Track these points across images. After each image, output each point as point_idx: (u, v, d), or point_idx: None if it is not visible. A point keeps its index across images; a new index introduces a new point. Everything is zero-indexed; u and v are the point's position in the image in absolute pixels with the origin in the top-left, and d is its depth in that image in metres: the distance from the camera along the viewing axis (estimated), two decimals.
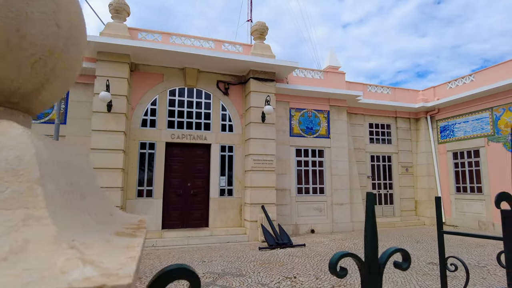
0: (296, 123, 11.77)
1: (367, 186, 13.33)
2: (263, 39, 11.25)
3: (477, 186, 12.36)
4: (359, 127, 13.62)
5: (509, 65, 11.40)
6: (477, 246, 8.88)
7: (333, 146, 12.06)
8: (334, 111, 12.33)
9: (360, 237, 10.37)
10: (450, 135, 13.54)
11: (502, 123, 11.52)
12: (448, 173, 13.49)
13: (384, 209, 13.56)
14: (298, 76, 12.11)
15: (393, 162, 14.04)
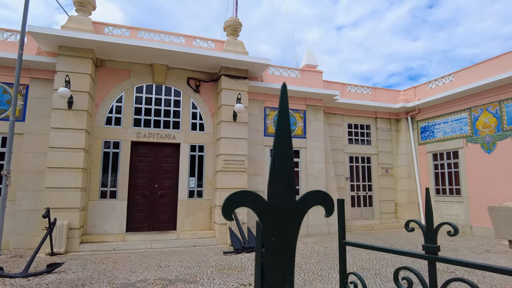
0: (271, 122, 11.43)
1: (346, 188, 13.04)
2: (237, 35, 10.92)
3: (456, 188, 12.13)
4: (338, 127, 13.33)
5: (487, 64, 11.21)
6: (451, 250, 8.60)
7: (309, 147, 11.74)
8: (310, 111, 12.02)
9: (335, 240, 10.04)
10: (430, 136, 13.32)
11: (480, 123, 11.31)
12: (428, 175, 13.26)
13: (363, 212, 13.27)
14: (274, 75, 11.79)
15: (373, 163, 13.77)
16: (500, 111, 10.67)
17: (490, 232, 10.68)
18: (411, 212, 13.27)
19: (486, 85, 10.79)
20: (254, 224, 10.40)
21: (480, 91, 11.27)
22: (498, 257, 7.69)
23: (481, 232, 10.99)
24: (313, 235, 11.08)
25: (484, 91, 11.13)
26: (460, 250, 8.55)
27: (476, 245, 9.29)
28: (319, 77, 12.40)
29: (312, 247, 8.92)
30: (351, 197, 13.16)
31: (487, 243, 9.65)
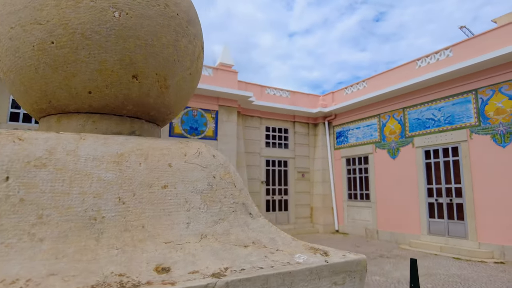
0: (178, 122, 10.66)
1: (261, 192, 12.67)
2: None
3: (365, 193, 12.35)
4: (255, 130, 12.96)
5: (394, 72, 11.56)
6: None
7: (220, 149, 11.15)
8: (223, 112, 11.46)
9: None
10: (345, 141, 13.50)
11: (387, 130, 11.62)
12: (342, 179, 13.41)
13: (278, 216, 13.00)
14: None
15: (290, 167, 13.61)
16: (403, 118, 11.03)
17: (394, 237, 10.94)
18: (325, 216, 13.29)
19: (392, 92, 11.09)
20: None
21: (387, 98, 11.58)
22: (385, 262, 7.70)
23: (386, 237, 11.23)
24: None
25: (391, 98, 11.46)
26: None
27: (375, 250, 9.35)
28: (234, 77, 11.91)
29: None
30: (266, 201, 12.82)
31: (386, 248, 9.80)
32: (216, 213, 0.95)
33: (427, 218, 9.94)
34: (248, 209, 1.02)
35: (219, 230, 0.91)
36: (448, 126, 9.60)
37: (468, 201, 8.93)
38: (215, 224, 0.92)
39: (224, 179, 1.03)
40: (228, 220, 0.95)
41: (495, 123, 8.52)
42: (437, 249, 9.16)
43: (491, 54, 8.31)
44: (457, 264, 7.63)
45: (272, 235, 0.97)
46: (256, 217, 1.02)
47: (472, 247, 8.66)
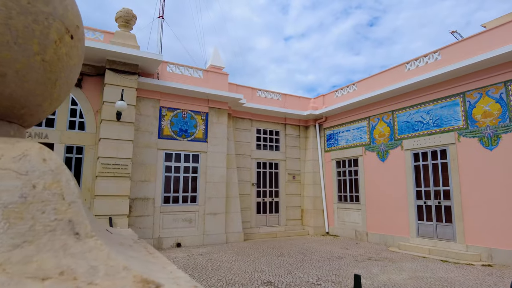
0: (167, 124, 10.57)
1: (251, 194, 12.62)
2: (129, 28, 9.91)
3: (355, 195, 12.36)
4: (246, 132, 12.91)
5: (383, 76, 11.60)
6: (337, 258, 8.48)
7: (210, 151, 11.09)
8: (213, 114, 11.40)
9: (226, 250, 9.46)
10: (335, 144, 13.52)
11: (376, 132, 11.65)
12: (332, 182, 13.41)
13: (268, 218, 12.95)
14: (174, 73, 10.97)
15: (281, 169, 13.58)
16: (392, 121, 11.07)
17: (383, 239, 10.95)
18: (315, 218, 13.28)
19: (381, 94, 11.13)
20: (142, 235, 9.45)
21: (377, 101, 11.62)
22: (373, 265, 7.68)
23: (375, 239, 11.24)
24: (209, 244, 10.40)
25: (380, 101, 11.49)
26: (345, 258, 8.47)
27: (364, 253, 9.34)
28: (224, 79, 11.85)
29: (195, 259, 8.20)
30: (257, 203, 12.77)
31: (375, 250, 9.79)
32: (21, 234, 0.76)
33: (416, 220, 9.96)
34: (74, 228, 0.82)
35: (16, 257, 0.72)
36: (437, 129, 9.65)
37: (456, 204, 8.97)
38: (14, 249, 0.73)
39: (49, 189, 0.84)
40: (38, 243, 0.75)
41: (483, 126, 8.58)
42: (426, 251, 9.18)
43: (478, 58, 8.38)
44: (444, 267, 7.64)
45: (97, 263, 0.77)
46: (84, 238, 0.81)
47: (460, 249, 8.70)
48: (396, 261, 8.25)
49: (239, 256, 8.72)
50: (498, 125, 8.25)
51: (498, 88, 8.35)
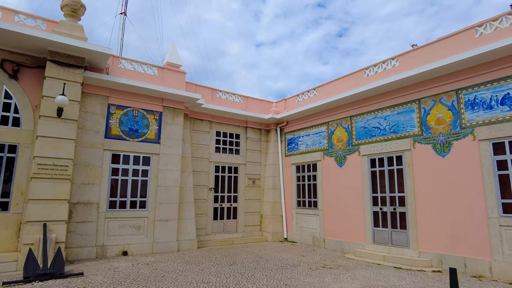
0: (116, 122, 9.83)
1: (208, 199, 12.07)
2: (76, 18, 9.14)
3: (313, 201, 12.18)
4: (204, 134, 12.38)
5: (346, 80, 11.56)
6: (291, 266, 8.15)
7: (163, 153, 10.45)
8: (168, 113, 10.79)
9: (176, 259, 8.84)
10: (295, 148, 13.32)
11: (335, 137, 11.56)
12: (292, 187, 13.18)
13: (226, 224, 12.45)
14: (125, 69, 10.27)
15: (240, 174, 13.16)
16: (351, 126, 11.01)
17: (340, 246, 10.80)
18: (274, 224, 12.95)
19: (340, 100, 11.06)
20: (84, 243, 8.67)
21: (336, 106, 11.55)
22: (327, 273, 7.42)
23: (332, 245, 11.07)
24: (159, 253, 9.73)
25: (339, 106, 11.43)
26: (300, 266, 8.16)
27: (319, 260, 9.10)
28: (181, 77, 11.29)
29: (140, 269, 7.53)
30: (214, 209, 12.24)
31: (331, 257, 9.59)
32: None
33: (372, 227, 9.89)
34: None
35: None
36: (393, 135, 9.66)
37: (410, 210, 8.97)
38: None
39: None
40: None
41: (436, 132, 8.66)
42: (381, 258, 9.09)
43: (431, 65, 8.46)
44: (397, 274, 7.53)
45: None
46: None
47: (413, 256, 8.68)
48: (351, 268, 8.05)
49: (189, 265, 8.15)
50: (450, 132, 8.34)
51: (450, 96, 8.47)
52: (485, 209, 7.49)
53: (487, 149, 7.62)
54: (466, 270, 7.63)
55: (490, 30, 7.95)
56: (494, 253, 7.21)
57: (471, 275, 7.41)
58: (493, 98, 7.67)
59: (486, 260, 7.33)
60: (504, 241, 7.11)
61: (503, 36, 7.61)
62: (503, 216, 7.19)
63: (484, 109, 7.79)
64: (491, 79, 7.73)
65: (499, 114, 7.51)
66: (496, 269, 7.13)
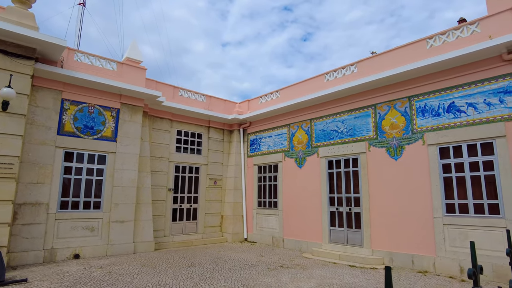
0: (70, 118, 9.33)
1: (167, 200, 11.81)
2: (27, 5, 8.55)
3: (274, 201, 12.34)
4: (165, 133, 12.10)
5: (308, 83, 11.83)
6: (250, 267, 8.19)
7: (120, 152, 10.08)
8: (126, 111, 10.42)
9: (131, 261, 8.55)
10: (258, 149, 13.42)
11: (295, 139, 11.80)
12: (253, 187, 13.26)
13: (185, 226, 12.25)
14: (82, 62, 9.78)
15: (201, 174, 13.01)
16: (310, 129, 11.30)
17: (298, 245, 11.02)
18: (235, 225, 12.95)
19: (301, 103, 11.31)
20: (30, 247, 8.13)
21: (297, 109, 11.80)
22: (284, 273, 7.55)
23: (291, 245, 11.27)
24: (114, 255, 9.35)
25: (300, 109, 11.68)
26: (258, 266, 8.22)
27: (278, 260, 9.22)
28: (142, 74, 10.97)
29: (92, 273, 7.20)
30: (173, 210, 11.99)
31: (289, 257, 9.76)
32: None
33: (329, 226, 10.21)
34: None
35: None
36: (350, 138, 10.04)
37: (364, 210, 9.37)
38: None
39: None
40: None
41: (390, 137, 9.12)
42: (336, 257, 9.40)
43: (387, 73, 8.91)
44: (351, 272, 7.82)
45: None
46: None
47: (367, 254, 9.06)
48: (308, 267, 8.25)
49: (145, 267, 7.92)
50: (403, 137, 8.83)
51: (403, 102, 8.97)
52: (431, 209, 8.02)
53: (435, 153, 8.15)
54: (414, 266, 8.10)
55: (439, 42, 8.53)
56: (438, 249, 7.74)
57: (417, 270, 7.88)
58: (440, 106, 8.23)
59: (430, 256, 7.84)
60: (447, 238, 7.65)
61: (450, 49, 8.19)
62: (446, 216, 7.74)
63: (433, 115, 8.33)
64: (439, 88, 8.29)
65: (445, 121, 8.07)
66: (439, 264, 7.65)
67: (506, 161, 7.05)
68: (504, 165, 7.06)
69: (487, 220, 7.14)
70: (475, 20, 7.95)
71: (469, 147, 7.66)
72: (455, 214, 7.65)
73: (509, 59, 7.17)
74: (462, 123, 7.79)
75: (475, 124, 7.58)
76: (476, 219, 7.30)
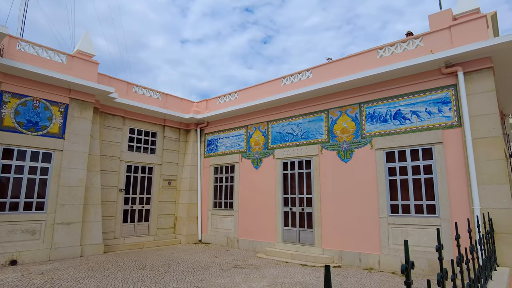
0: (10, 112, 8.63)
1: (118, 201, 11.34)
2: None
3: (229, 202, 12.37)
4: (117, 131, 11.62)
5: (266, 86, 12.01)
6: (203, 268, 8.13)
7: (67, 150, 9.52)
8: (75, 106, 9.87)
9: (78, 266, 8.11)
10: (215, 150, 13.37)
11: (253, 141, 11.93)
12: (209, 188, 13.18)
13: (137, 228, 11.85)
14: (26, 52, 9.10)
15: (155, 174, 12.67)
16: (267, 131, 11.49)
17: (252, 245, 11.14)
18: (189, 226, 12.78)
19: (259, 105, 11.47)
20: None
21: (255, 111, 11.94)
22: (238, 273, 7.62)
23: (245, 245, 11.36)
24: (58, 259, 8.79)
25: (258, 111, 11.84)
26: (211, 267, 8.19)
27: (232, 260, 9.26)
28: (94, 68, 10.45)
29: (31, 280, 6.71)
30: (124, 211, 11.55)
31: (243, 257, 9.84)
32: None
33: (282, 226, 10.45)
34: None
35: None
36: (304, 141, 10.37)
37: (316, 210, 9.72)
38: None
39: None
40: None
41: (341, 141, 9.56)
42: (289, 256, 9.64)
43: (339, 80, 9.34)
44: (302, 271, 8.08)
45: None
46: None
47: (318, 253, 9.41)
48: (261, 267, 8.38)
49: (92, 272, 7.55)
50: (353, 141, 9.30)
51: (354, 108, 9.45)
52: (377, 210, 8.53)
53: (382, 157, 8.69)
54: (361, 264, 8.57)
55: (388, 53, 9.11)
56: (383, 247, 8.25)
57: (364, 268, 8.34)
58: (388, 113, 8.80)
59: (376, 254, 8.34)
60: (391, 237, 8.19)
61: (397, 60, 8.79)
62: (391, 216, 8.28)
63: (381, 122, 8.88)
64: (387, 96, 8.86)
65: (392, 127, 8.64)
66: (383, 261, 8.16)
67: (442, 165, 7.72)
68: (441, 169, 7.73)
69: (426, 219, 7.76)
70: (420, 35, 8.61)
71: (412, 152, 8.28)
72: (399, 214, 8.22)
73: (447, 73, 7.86)
74: (406, 129, 8.40)
75: (418, 131, 8.21)
76: (416, 218, 7.90)
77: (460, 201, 7.42)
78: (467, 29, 7.80)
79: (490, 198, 6.97)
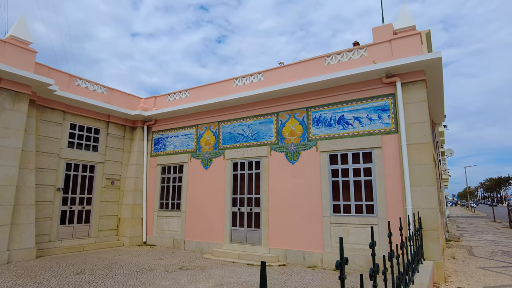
0: None
1: (55, 201, 10.55)
2: None
3: (177, 203, 12.12)
4: (56, 126, 10.82)
5: (217, 86, 11.95)
6: (147, 271, 7.88)
7: None
8: (7, 97, 9.01)
9: (3, 273, 7.40)
10: (162, 149, 13.01)
11: (203, 141, 11.83)
12: (156, 188, 12.79)
13: (76, 230, 11.12)
14: None
15: (97, 173, 12.00)
16: (218, 131, 11.47)
17: (199, 246, 11.02)
18: (133, 228, 12.28)
19: (210, 105, 11.40)
20: None
21: (205, 110, 11.85)
22: (183, 275, 7.51)
23: (192, 247, 11.21)
24: None
25: (209, 110, 11.77)
26: (156, 270, 7.97)
27: (177, 262, 9.09)
28: (30, 57, 9.63)
29: None
30: (61, 212, 10.77)
31: (190, 258, 9.70)
32: None
33: (230, 226, 10.49)
34: None
35: None
36: (254, 142, 10.52)
37: (264, 210, 9.91)
38: None
39: None
40: None
41: (289, 143, 9.85)
42: (236, 256, 9.71)
43: (287, 84, 9.64)
44: (249, 270, 8.18)
45: None
46: None
47: (264, 252, 9.59)
48: (207, 268, 8.33)
49: (21, 279, 6.94)
50: (300, 143, 9.64)
51: (302, 112, 9.80)
52: (321, 209, 8.93)
53: (326, 159, 9.12)
54: (305, 262, 8.90)
55: (335, 61, 9.59)
56: (325, 246, 8.66)
57: (307, 266, 8.68)
58: (332, 118, 9.25)
59: (319, 252, 8.72)
60: (333, 235, 8.62)
61: (343, 68, 9.29)
62: (333, 215, 8.72)
63: (326, 126, 9.31)
64: (332, 102, 9.32)
65: (336, 132, 9.10)
66: (326, 259, 8.57)
67: (380, 168, 8.31)
68: (379, 171, 8.31)
69: (365, 218, 8.29)
70: (364, 46, 9.19)
71: (353, 155, 8.79)
72: (340, 213, 8.68)
73: (387, 82, 8.48)
74: (349, 134, 8.90)
75: (359, 136, 8.75)
76: (356, 218, 8.40)
77: (395, 202, 8.04)
78: (405, 44, 8.50)
79: (420, 198, 7.65)
